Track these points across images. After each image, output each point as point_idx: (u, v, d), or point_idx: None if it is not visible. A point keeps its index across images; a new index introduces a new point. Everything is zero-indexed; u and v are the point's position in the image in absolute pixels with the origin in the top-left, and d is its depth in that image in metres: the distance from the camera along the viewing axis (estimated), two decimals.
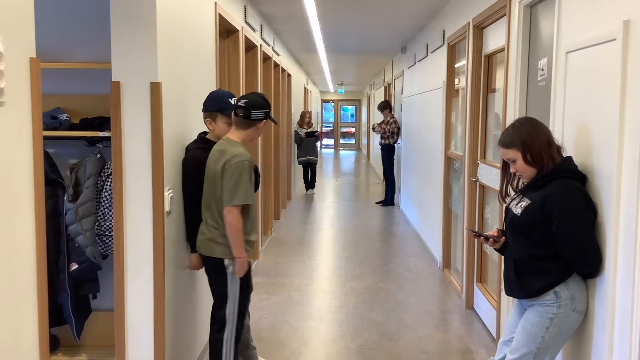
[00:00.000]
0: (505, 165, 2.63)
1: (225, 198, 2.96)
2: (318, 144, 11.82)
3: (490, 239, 2.64)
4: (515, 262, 2.50)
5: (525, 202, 2.47)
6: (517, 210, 2.49)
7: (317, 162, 11.78)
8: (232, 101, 3.22)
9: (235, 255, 3.00)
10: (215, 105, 3.25)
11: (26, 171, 1.89)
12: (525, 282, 2.46)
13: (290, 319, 4.60)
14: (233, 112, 3.09)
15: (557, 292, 2.37)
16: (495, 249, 2.71)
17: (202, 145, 3.24)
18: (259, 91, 6.33)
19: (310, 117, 11.59)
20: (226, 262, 3.04)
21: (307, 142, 11.25)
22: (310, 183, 11.65)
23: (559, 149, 2.47)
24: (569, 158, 2.47)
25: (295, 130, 11.26)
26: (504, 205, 2.71)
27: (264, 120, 3.10)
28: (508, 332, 2.63)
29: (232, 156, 2.96)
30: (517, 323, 2.56)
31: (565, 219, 2.32)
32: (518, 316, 2.58)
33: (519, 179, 2.63)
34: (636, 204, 2.03)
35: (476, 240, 4.72)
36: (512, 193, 2.67)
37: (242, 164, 2.95)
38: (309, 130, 11.27)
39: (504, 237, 2.63)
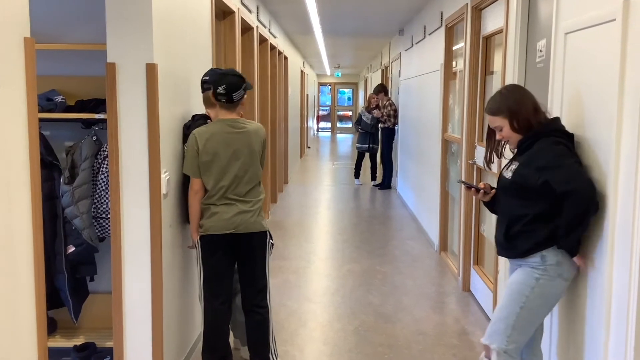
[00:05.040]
0: (490, 133, 2.68)
1: (262, 163, 3.26)
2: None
3: (481, 191, 2.70)
4: (507, 224, 2.54)
5: (514, 165, 2.53)
6: (509, 174, 2.54)
7: (378, 150, 10.51)
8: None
9: None
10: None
11: (22, 154, 1.87)
12: (514, 243, 2.51)
13: (288, 302, 4.61)
14: (215, 98, 3.11)
15: (543, 256, 2.40)
16: (484, 204, 2.77)
17: (206, 122, 3.29)
18: (254, 74, 6.30)
19: (376, 100, 10.13)
20: (268, 232, 3.25)
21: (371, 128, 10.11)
22: (372, 174, 10.52)
23: (544, 114, 2.52)
24: (556, 118, 2.51)
25: (360, 114, 10.36)
26: (492, 170, 2.75)
27: (244, 95, 3.19)
28: None
29: (264, 131, 3.26)
30: None
31: (551, 164, 2.34)
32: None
33: (503, 146, 2.68)
34: (634, 187, 2.03)
35: (475, 221, 4.73)
36: (496, 159, 2.72)
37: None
38: (373, 112, 10.00)
39: (494, 190, 2.68)
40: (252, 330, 3.27)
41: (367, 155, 10.59)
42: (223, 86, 3.08)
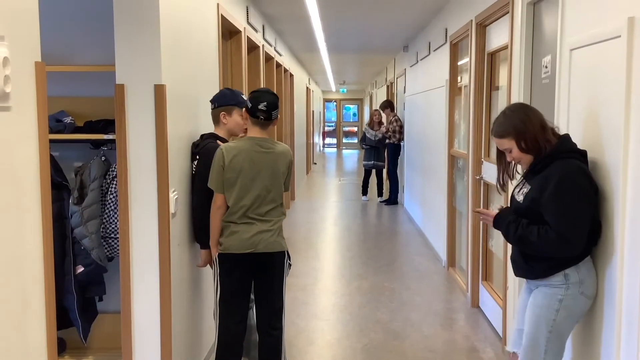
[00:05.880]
0: (500, 154, 2.62)
1: (286, 185, 3.23)
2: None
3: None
4: None
5: (526, 188, 2.47)
6: (520, 197, 2.49)
7: (384, 167, 10.59)
8: (244, 96, 3.39)
9: None
10: (233, 99, 3.36)
11: (33, 174, 1.89)
12: (533, 264, 2.45)
13: (296, 320, 4.60)
14: (252, 114, 3.10)
15: (566, 275, 2.35)
16: None
17: (215, 140, 3.31)
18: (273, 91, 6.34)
19: (379, 116, 10.34)
20: (287, 252, 3.22)
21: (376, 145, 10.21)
22: (378, 190, 10.54)
23: (553, 130, 2.45)
24: (566, 137, 2.44)
25: (364, 132, 10.44)
26: (504, 193, 2.69)
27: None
28: (520, 320, 2.61)
29: (290, 154, 3.25)
30: (526, 305, 2.55)
31: (556, 203, 2.30)
32: (527, 296, 2.55)
33: (514, 167, 2.63)
34: None
35: (483, 237, 4.71)
36: (508, 180, 2.68)
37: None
38: (377, 132, 10.11)
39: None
40: (265, 351, 3.24)
41: (374, 171, 10.61)
42: (264, 103, 3.08)
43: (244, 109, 3.16)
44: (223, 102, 3.38)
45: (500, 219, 2.53)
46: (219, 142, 3.28)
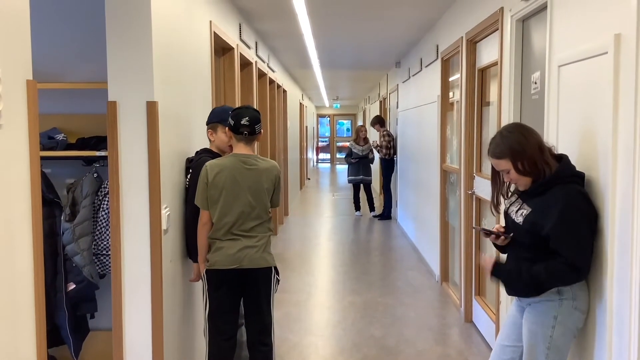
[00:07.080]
0: (495, 175, 2.61)
1: (274, 201, 3.25)
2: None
3: (502, 236, 2.55)
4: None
5: (525, 210, 2.44)
6: (519, 218, 2.46)
7: (372, 181, 10.72)
8: None
9: None
10: (217, 116, 3.40)
11: (24, 192, 1.89)
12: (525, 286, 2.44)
13: (289, 335, 4.58)
14: (236, 131, 3.13)
15: (560, 290, 2.35)
16: (497, 247, 2.65)
17: (210, 155, 3.33)
18: (254, 107, 6.35)
19: (365, 132, 10.66)
20: (274, 268, 3.21)
21: (361, 160, 10.41)
22: (370, 205, 10.51)
23: (550, 151, 2.44)
24: (566, 160, 2.41)
25: (349, 147, 10.60)
26: (500, 213, 2.69)
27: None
28: (504, 335, 2.61)
29: (277, 170, 3.24)
30: (515, 321, 2.55)
31: (563, 232, 2.28)
32: (519, 313, 2.55)
33: (508, 185, 2.61)
34: (631, 212, 2.04)
35: (476, 251, 4.72)
36: (502, 200, 2.66)
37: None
38: (364, 147, 10.37)
39: (512, 233, 2.54)
40: None
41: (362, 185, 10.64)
42: (246, 118, 3.11)
43: (227, 127, 3.19)
44: (209, 119, 3.45)
45: (498, 272, 2.51)
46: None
